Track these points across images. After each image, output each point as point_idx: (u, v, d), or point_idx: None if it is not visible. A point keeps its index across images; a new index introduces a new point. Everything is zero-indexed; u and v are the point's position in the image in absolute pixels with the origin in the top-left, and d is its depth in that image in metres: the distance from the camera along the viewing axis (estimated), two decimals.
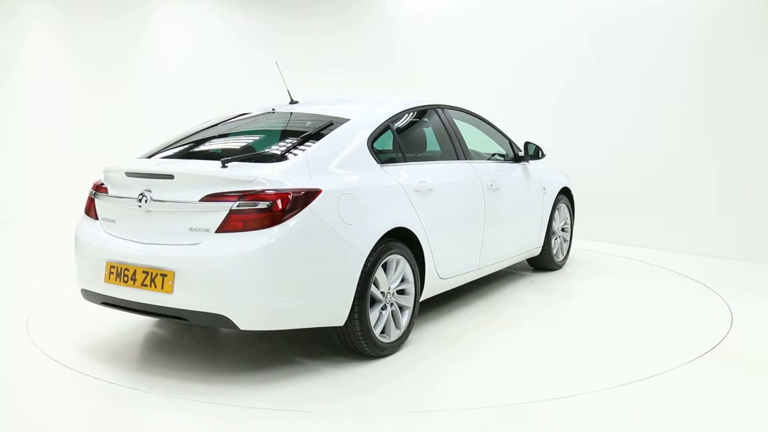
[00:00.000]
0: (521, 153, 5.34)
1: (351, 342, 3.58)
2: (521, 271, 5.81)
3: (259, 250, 3.14)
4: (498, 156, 5.27)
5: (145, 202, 3.42)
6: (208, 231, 3.24)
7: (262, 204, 3.18)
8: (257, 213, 3.18)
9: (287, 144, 3.66)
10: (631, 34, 7.19)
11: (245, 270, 3.15)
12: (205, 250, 3.21)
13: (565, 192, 5.94)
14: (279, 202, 3.19)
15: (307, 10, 10.34)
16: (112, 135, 9.63)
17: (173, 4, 10.28)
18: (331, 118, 3.96)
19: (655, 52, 7.01)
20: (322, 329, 3.70)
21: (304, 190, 3.30)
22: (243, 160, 3.47)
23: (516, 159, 5.30)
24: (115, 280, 3.44)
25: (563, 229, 5.94)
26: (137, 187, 3.50)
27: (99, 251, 3.57)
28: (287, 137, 3.85)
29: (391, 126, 4.16)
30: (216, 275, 3.17)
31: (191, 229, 3.28)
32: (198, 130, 4.31)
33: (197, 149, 3.96)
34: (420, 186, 4.02)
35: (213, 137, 4.11)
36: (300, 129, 3.96)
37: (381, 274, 3.64)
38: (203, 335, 4.18)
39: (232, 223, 3.19)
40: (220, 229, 3.21)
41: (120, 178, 3.65)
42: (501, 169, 5.01)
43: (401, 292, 3.86)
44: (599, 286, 5.48)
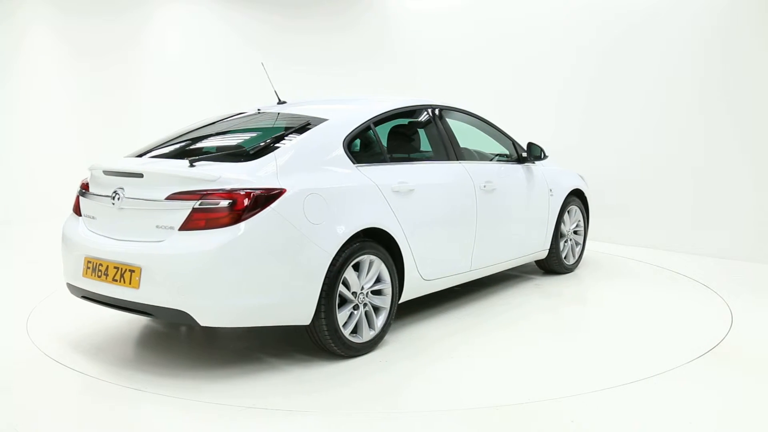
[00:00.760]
0: (525, 154, 5.28)
1: (320, 341, 3.61)
2: (527, 274, 5.72)
3: (218, 247, 3.19)
4: (501, 157, 5.22)
5: (118, 199, 3.53)
6: (172, 229, 3.31)
7: (223, 202, 3.24)
8: (218, 211, 3.24)
9: (261, 144, 3.67)
10: (633, 34, 7.19)
11: (204, 267, 3.21)
12: (168, 247, 3.28)
13: (578, 194, 5.82)
14: (240, 201, 3.24)
15: (307, 10, 10.34)
16: (112, 135, 9.63)
17: (173, 4, 10.28)
18: (310, 118, 3.99)
19: (657, 52, 7.01)
20: (297, 328, 3.70)
21: (266, 189, 3.33)
22: (213, 159, 3.56)
23: (519, 160, 5.23)
24: (91, 274, 3.55)
25: (576, 232, 5.82)
26: (112, 186, 3.62)
27: (79, 247, 3.68)
28: (263, 137, 3.86)
29: (373, 126, 4.16)
30: (177, 272, 3.24)
31: (158, 227, 3.36)
32: (187, 130, 4.35)
33: (177, 149, 4.00)
34: (399, 186, 4.00)
35: (197, 137, 4.17)
36: (278, 129, 3.98)
37: (351, 274, 3.65)
38: (203, 334, 4.19)
39: (194, 221, 3.26)
40: (183, 227, 3.28)
41: (99, 176, 3.75)
42: (499, 171, 4.95)
43: (378, 292, 3.87)
44: (600, 286, 5.48)
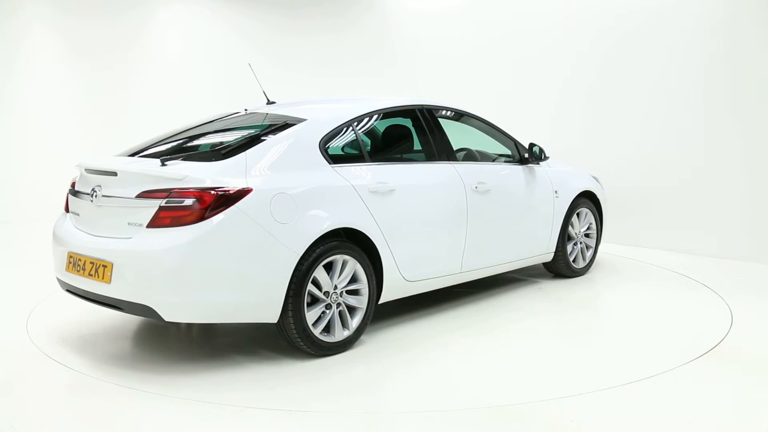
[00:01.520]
0: (527, 155, 5.20)
1: (289, 339, 3.66)
2: (532, 277, 5.60)
3: (181, 245, 3.27)
4: (506, 158, 5.16)
5: (96, 197, 3.64)
6: (141, 226, 3.40)
7: (187, 201, 3.32)
8: (183, 210, 3.31)
9: (235, 143, 3.74)
10: (633, 34, 7.19)
11: (167, 264, 3.29)
12: (136, 243, 3.38)
13: (590, 196, 5.71)
14: (204, 199, 3.31)
15: (307, 10, 10.34)
16: (112, 135, 9.62)
17: (173, 4, 10.27)
18: (289, 118, 4.02)
19: (657, 52, 7.01)
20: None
21: (231, 188, 3.39)
22: (187, 159, 3.64)
23: (522, 161, 5.16)
24: (72, 269, 3.69)
25: (587, 235, 5.70)
26: (91, 183, 3.74)
27: (63, 242, 3.82)
28: (241, 137, 3.91)
29: (355, 127, 4.15)
30: (142, 268, 3.35)
31: (129, 224, 3.46)
32: (177, 130, 4.38)
33: (160, 148, 4.04)
34: (378, 187, 3.99)
35: (182, 137, 4.21)
36: (256, 130, 4.01)
37: (322, 273, 3.66)
38: (209, 333, 4.19)
39: (160, 219, 3.35)
40: (150, 224, 3.37)
41: (83, 174, 3.88)
42: (495, 172, 4.89)
43: (355, 292, 3.87)
44: (600, 286, 5.47)
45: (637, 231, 7.15)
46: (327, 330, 3.74)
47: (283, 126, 3.90)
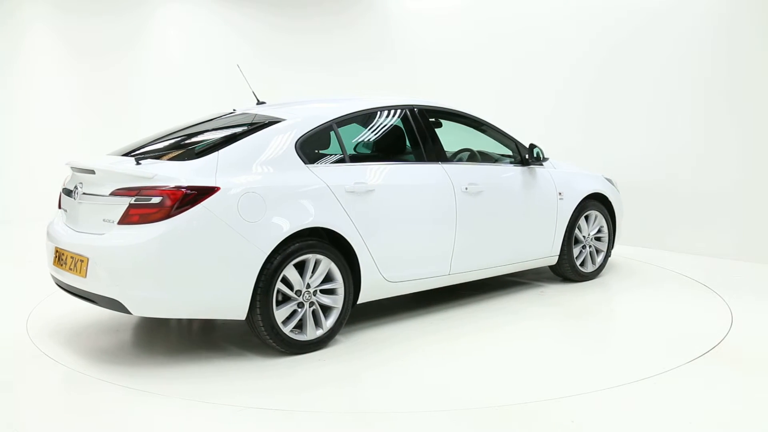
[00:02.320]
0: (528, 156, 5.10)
1: (258, 336, 3.72)
2: (536, 282, 5.49)
3: (147, 241, 3.37)
4: (508, 159, 5.10)
5: (77, 194, 3.79)
6: (113, 222, 3.52)
7: (155, 199, 3.41)
8: (150, 207, 3.41)
9: (210, 143, 3.83)
10: (633, 34, 7.18)
11: (133, 260, 3.41)
12: (108, 239, 3.50)
13: (601, 198, 5.58)
14: (170, 197, 3.40)
15: (307, 10, 10.34)
16: (112, 135, 9.61)
17: (173, 4, 10.28)
18: (270, 118, 4.05)
19: (657, 52, 7.01)
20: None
21: (198, 187, 3.46)
22: (163, 158, 3.76)
23: (523, 162, 5.08)
24: (57, 263, 3.83)
25: (598, 238, 5.59)
26: (75, 181, 3.89)
27: (52, 238, 3.96)
28: (219, 137, 3.96)
29: (335, 127, 4.15)
30: (111, 263, 3.48)
31: (104, 221, 3.58)
32: (168, 131, 4.41)
33: (149, 148, 4.08)
34: (356, 187, 3.98)
35: (169, 137, 4.24)
36: (236, 129, 4.04)
37: (293, 272, 3.69)
38: (202, 333, 4.19)
39: (130, 216, 3.46)
40: (121, 221, 3.48)
41: (70, 172, 4.03)
42: (490, 172, 4.81)
43: (332, 291, 3.89)
44: (600, 286, 5.46)
45: (637, 231, 7.15)
46: (301, 328, 3.78)
47: (262, 126, 3.95)
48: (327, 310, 3.89)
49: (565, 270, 5.40)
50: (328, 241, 3.88)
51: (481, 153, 5.09)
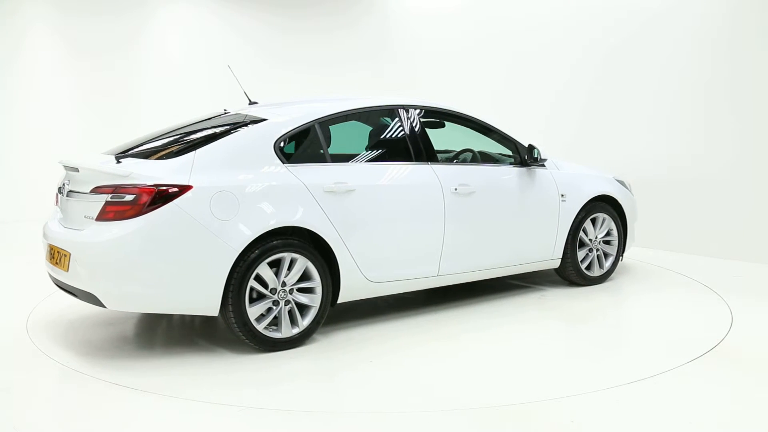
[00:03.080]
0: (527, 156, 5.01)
1: (232, 332, 3.78)
2: (538, 285, 5.42)
3: (120, 237, 3.48)
4: (510, 160, 5.03)
5: (65, 192, 3.95)
6: (92, 219, 3.63)
7: (128, 197, 3.51)
8: (124, 205, 3.52)
9: (190, 143, 3.91)
10: (634, 34, 7.18)
11: (107, 255, 3.52)
12: (86, 235, 3.62)
13: (610, 200, 5.42)
14: (142, 195, 3.50)
15: (307, 10, 10.34)
16: (112, 135, 9.59)
17: (173, 4, 10.28)
18: (253, 118, 4.11)
19: (657, 53, 7.01)
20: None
21: (170, 185, 3.55)
22: (145, 157, 3.83)
23: (522, 163, 5.00)
24: (49, 259, 3.95)
25: (607, 242, 5.44)
26: (64, 179, 4.05)
27: (45, 234, 4.08)
28: (200, 136, 4.01)
29: (318, 127, 4.15)
30: (88, 258, 3.60)
31: (85, 217, 3.70)
32: (162, 131, 4.42)
33: (140, 147, 4.10)
34: (335, 187, 3.98)
35: (159, 137, 4.27)
36: (219, 129, 4.06)
37: (267, 270, 3.73)
38: (209, 330, 4.19)
39: (106, 213, 3.56)
40: (98, 218, 3.59)
41: (63, 171, 4.11)
42: (484, 173, 4.74)
43: (310, 290, 3.90)
44: (600, 287, 5.45)
45: (637, 231, 7.15)
46: (277, 326, 3.81)
47: (242, 126, 4.01)
48: (304, 308, 3.90)
49: (569, 273, 5.28)
50: (308, 241, 3.89)
51: (482, 154, 5.06)
